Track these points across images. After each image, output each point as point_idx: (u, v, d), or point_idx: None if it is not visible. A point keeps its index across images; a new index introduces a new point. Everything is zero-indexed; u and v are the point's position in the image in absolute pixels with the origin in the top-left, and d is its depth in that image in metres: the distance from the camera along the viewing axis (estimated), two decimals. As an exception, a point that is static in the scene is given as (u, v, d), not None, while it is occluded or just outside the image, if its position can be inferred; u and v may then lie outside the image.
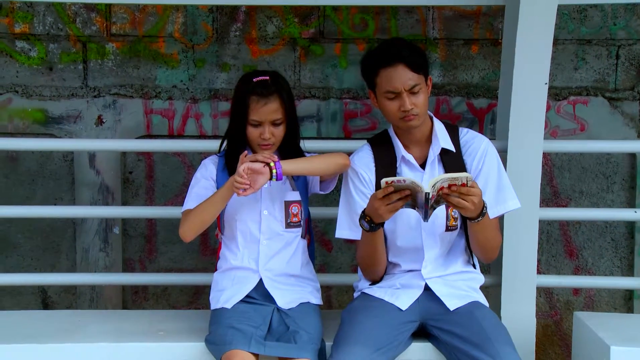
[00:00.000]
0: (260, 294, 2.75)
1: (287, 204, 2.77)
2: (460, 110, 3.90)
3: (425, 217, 2.42)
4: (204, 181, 2.80)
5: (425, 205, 2.37)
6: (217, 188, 2.74)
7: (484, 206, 2.49)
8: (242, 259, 2.77)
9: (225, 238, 2.83)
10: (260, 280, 2.75)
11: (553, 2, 2.97)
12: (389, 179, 2.37)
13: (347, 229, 2.72)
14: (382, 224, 2.55)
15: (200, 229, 2.70)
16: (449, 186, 2.37)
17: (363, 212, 2.53)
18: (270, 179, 2.55)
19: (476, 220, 2.51)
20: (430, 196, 2.35)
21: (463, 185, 2.38)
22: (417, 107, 2.59)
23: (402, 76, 2.57)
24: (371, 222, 2.51)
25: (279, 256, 2.78)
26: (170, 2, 3.66)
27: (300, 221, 2.80)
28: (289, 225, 2.77)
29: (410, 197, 2.40)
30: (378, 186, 2.59)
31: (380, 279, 2.77)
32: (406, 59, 2.57)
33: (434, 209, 2.44)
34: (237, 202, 2.72)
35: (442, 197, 2.39)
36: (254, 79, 2.71)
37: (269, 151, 2.68)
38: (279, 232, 2.77)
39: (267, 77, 2.72)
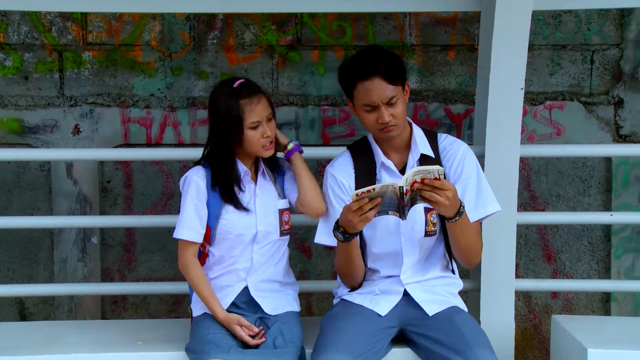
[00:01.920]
0: (244, 301, 2.74)
1: (281, 212, 2.76)
2: (438, 115, 3.92)
3: (403, 215, 2.42)
4: (196, 203, 2.70)
5: (401, 202, 2.37)
6: (208, 203, 2.71)
7: (461, 205, 2.49)
8: (233, 266, 2.74)
9: (213, 249, 2.75)
10: (246, 287, 2.74)
11: (528, 8, 3.00)
12: (359, 191, 2.37)
13: (326, 235, 2.72)
14: (355, 234, 2.55)
15: None
16: (422, 180, 2.38)
17: (336, 223, 2.53)
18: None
19: (453, 220, 2.50)
20: (405, 190, 2.35)
21: (436, 179, 2.39)
22: (395, 118, 2.59)
23: (379, 89, 2.56)
24: (345, 232, 2.51)
25: (268, 263, 2.76)
26: (147, 10, 3.65)
27: (290, 229, 2.80)
28: (282, 233, 2.77)
29: (382, 204, 2.40)
30: None
31: (359, 286, 2.77)
32: (383, 71, 2.55)
33: (411, 206, 2.44)
34: (232, 218, 2.70)
35: (416, 192, 2.40)
36: (233, 85, 2.67)
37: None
38: (272, 241, 2.76)
39: (244, 79, 2.71)
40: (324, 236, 2.74)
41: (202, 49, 3.87)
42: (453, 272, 2.81)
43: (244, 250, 2.74)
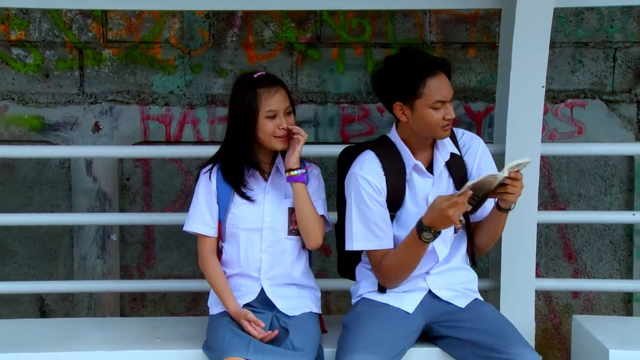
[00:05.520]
0: (260, 301, 2.73)
1: (290, 211, 2.73)
2: (458, 113, 3.87)
3: (474, 209, 2.51)
4: (207, 198, 2.74)
5: (487, 194, 2.46)
6: (219, 199, 2.73)
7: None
8: (244, 267, 2.74)
9: (226, 245, 2.78)
10: (262, 287, 2.74)
11: (549, 5, 2.97)
12: (470, 184, 2.40)
13: (364, 240, 2.64)
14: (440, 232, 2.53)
15: None
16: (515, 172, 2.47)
17: (421, 224, 2.48)
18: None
19: (505, 211, 2.59)
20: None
21: (517, 172, 2.46)
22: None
23: (447, 85, 2.58)
24: (435, 231, 2.48)
25: (281, 264, 2.74)
26: (167, 8, 3.66)
27: None
28: (291, 232, 2.73)
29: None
30: (389, 195, 2.62)
31: None
32: (446, 68, 2.60)
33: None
34: (239, 211, 2.71)
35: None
36: (253, 76, 2.70)
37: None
38: (280, 240, 2.73)
39: (264, 72, 2.74)
40: (362, 241, 2.65)
41: (221, 47, 3.87)
42: (473, 265, 2.84)
43: (252, 248, 2.72)
